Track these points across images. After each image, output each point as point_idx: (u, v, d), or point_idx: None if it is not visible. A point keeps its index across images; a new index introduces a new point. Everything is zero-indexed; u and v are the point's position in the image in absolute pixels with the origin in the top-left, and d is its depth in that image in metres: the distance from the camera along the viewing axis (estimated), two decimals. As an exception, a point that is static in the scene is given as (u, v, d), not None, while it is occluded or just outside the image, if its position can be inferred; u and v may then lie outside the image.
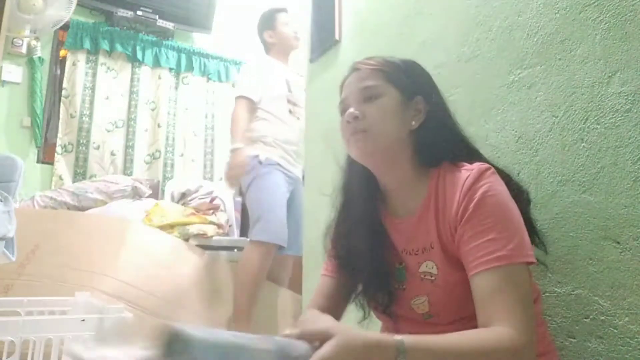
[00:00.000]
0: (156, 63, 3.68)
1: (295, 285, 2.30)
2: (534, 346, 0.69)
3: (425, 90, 0.89)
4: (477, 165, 0.81)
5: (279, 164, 2.29)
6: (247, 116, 2.33)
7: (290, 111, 2.34)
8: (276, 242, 2.13)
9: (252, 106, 2.34)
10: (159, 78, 3.70)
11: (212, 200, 3.12)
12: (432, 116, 0.87)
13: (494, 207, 0.75)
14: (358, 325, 0.95)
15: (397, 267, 0.90)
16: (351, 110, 0.86)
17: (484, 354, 0.66)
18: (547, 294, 1.06)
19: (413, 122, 0.86)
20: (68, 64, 3.45)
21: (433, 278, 0.83)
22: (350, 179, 0.95)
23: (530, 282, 0.74)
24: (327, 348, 0.59)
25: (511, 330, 0.67)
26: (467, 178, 0.78)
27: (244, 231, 3.47)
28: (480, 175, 0.78)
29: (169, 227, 2.59)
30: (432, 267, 0.83)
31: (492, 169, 0.81)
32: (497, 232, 0.72)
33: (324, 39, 2.31)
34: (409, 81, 0.88)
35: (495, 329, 0.68)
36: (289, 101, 2.34)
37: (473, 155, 0.90)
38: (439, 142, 0.85)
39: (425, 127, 0.86)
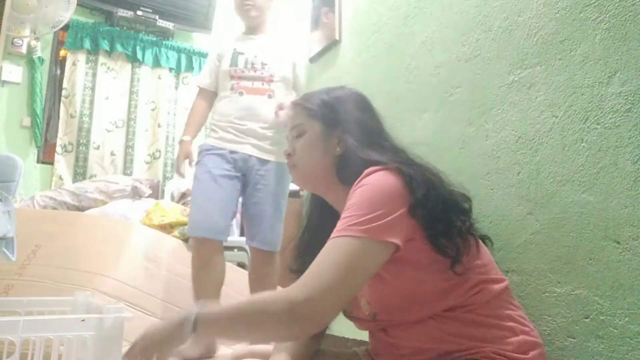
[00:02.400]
0: (156, 63, 3.68)
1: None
2: (314, 306, 0.72)
3: (346, 116, 0.97)
4: (369, 169, 0.86)
5: (213, 147, 2.02)
6: (200, 106, 2.16)
7: (232, 88, 2.03)
8: (199, 234, 1.87)
9: (207, 94, 2.15)
10: (159, 78, 3.69)
11: (212, 200, 3.12)
12: (351, 138, 0.94)
13: (361, 192, 0.81)
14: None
15: None
16: (286, 148, 1.02)
17: (261, 312, 0.74)
18: (547, 294, 1.06)
19: (337, 149, 0.94)
20: (68, 64, 3.45)
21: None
22: (311, 200, 1.07)
23: (368, 255, 0.75)
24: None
25: (296, 288, 0.73)
26: (355, 183, 0.85)
27: (244, 231, 3.47)
28: (363, 176, 0.84)
29: (169, 227, 2.59)
30: None
31: (378, 168, 0.85)
32: (352, 210, 0.79)
33: (324, 39, 2.31)
34: (330, 114, 0.97)
35: (284, 289, 0.75)
36: (232, 77, 2.05)
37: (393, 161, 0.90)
38: (354, 163, 0.90)
39: (345, 151, 0.93)
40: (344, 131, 0.95)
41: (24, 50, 3.25)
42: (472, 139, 1.33)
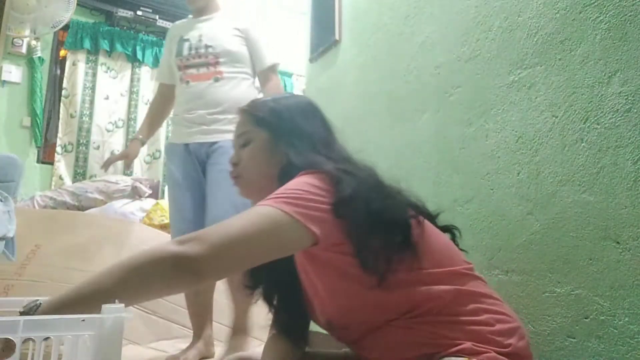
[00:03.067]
0: (156, 63, 3.68)
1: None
2: (198, 257, 0.70)
3: (291, 126, 0.94)
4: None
5: (170, 144, 1.94)
6: (155, 102, 2.09)
7: (180, 79, 1.92)
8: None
9: (164, 88, 2.05)
10: (159, 78, 3.70)
11: (212, 200, 3.12)
12: (296, 148, 0.91)
13: (285, 185, 0.81)
14: None
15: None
16: (231, 157, 0.98)
17: (146, 261, 0.70)
18: (547, 294, 1.06)
19: (283, 159, 0.90)
20: (68, 64, 3.46)
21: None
22: None
23: (280, 230, 0.74)
24: None
25: (193, 243, 0.70)
26: None
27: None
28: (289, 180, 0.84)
29: (169, 227, 2.59)
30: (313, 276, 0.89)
31: (308, 171, 0.84)
32: (278, 192, 0.79)
33: (324, 39, 2.31)
34: (278, 122, 0.94)
35: (168, 243, 0.72)
36: (179, 67, 1.92)
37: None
38: (291, 171, 0.87)
39: (290, 161, 0.90)
40: (290, 141, 0.92)
41: (24, 50, 3.25)
42: (472, 139, 1.33)
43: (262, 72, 1.97)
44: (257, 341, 1.90)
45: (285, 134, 0.93)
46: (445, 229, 0.96)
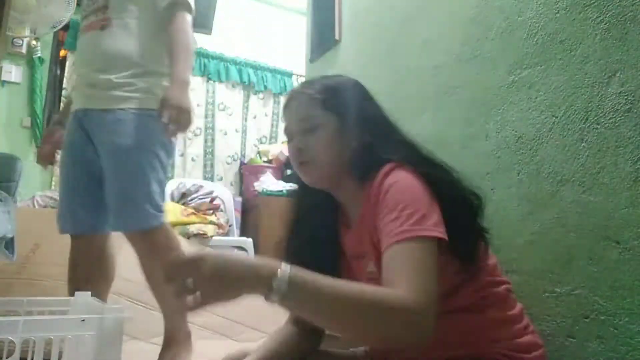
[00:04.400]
0: (156, 63, 3.68)
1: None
2: (430, 315, 0.67)
3: (360, 109, 0.93)
4: (385, 167, 0.84)
5: (72, 113, 1.56)
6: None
7: (86, 27, 1.58)
8: (61, 231, 1.53)
9: None
10: (159, 78, 3.70)
11: (212, 200, 3.13)
12: (368, 132, 0.90)
13: (394, 192, 0.79)
14: None
15: (346, 275, 0.92)
16: (295, 142, 0.93)
17: (379, 308, 0.65)
18: (547, 294, 1.06)
19: (353, 144, 0.89)
20: (68, 64, 3.45)
21: (376, 277, 0.84)
22: (305, 197, 0.99)
23: (434, 255, 0.73)
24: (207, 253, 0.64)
25: (408, 294, 0.67)
26: (376, 181, 0.83)
27: (244, 231, 3.48)
28: (384, 176, 0.82)
29: (172, 226, 2.59)
30: (373, 267, 0.86)
31: (395, 165, 0.83)
32: (399, 212, 0.75)
33: (324, 39, 2.31)
34: (344, 104, 0.92)
35: (395, 290, 0.68)
36: (85, 17, 1.60)
37: (410, 156, 0.89)
38: (370, 159, 0.87)
39: (361, 146, 0.89)
40: (360, 126, 0.90)
41: (24, 50, 3.25)
42: (472, 139, 1.33)
43: (164, 10, 1.54)
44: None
45: (354, 119, 0.91)
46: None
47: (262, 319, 2.17)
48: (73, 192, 1.51)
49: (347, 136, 0.90)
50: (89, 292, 1.02)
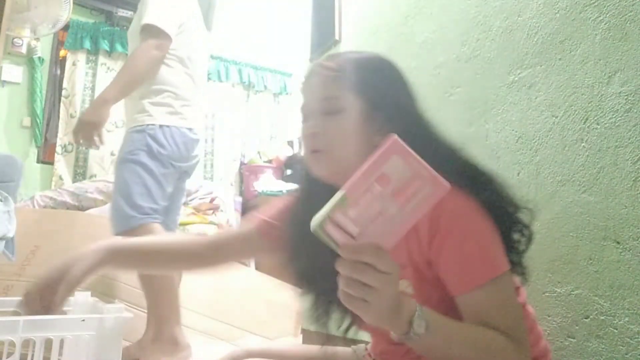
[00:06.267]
0: (156, 63, 3.68)
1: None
2: (530, 354, 0.69)
3: (393, 97, 0.79)
4: None
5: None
6: None
7: None
8: None
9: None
10: (159, 78, 3.70)
11: (212, 200, 3.13)
12: (399, 127, 0.73)
13: (460, 224, 0.69)
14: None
15: None
16: (311, 124, 0.78)
17: (493, 352, 0.64)
18: (547, 294, 1.06)
19: (378, 137, 0.74)
20: (68, 64, 3.46)
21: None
22: (313, 192, 0.83)
23: (513, 286, 0.72)
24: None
25: (512, 341, 0.66)
26: None
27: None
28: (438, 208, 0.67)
29: (169, 227, 2.59)
30: (407, 287, 0.76)
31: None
32: (471, 248, 0.69)
33: (324, 39, 2.31)
34: (375, 88, 0.78)
35: (501, 336, 0.66)
36: None
37: (454, 164, 0.76)
38: None
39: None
40: (389, 116, 0.76)
41: (24, 50, 3.25)
42: (472, 139, 1.33)
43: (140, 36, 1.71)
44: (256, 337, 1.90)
45: (381, 107, 0.77)
46: None
47: (261, 324, 2.17)
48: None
49: (374, 127, 0.76)
50: (89, 292, 1.02)
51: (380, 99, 0.77)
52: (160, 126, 1.70)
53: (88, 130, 1.65)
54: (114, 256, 0.90)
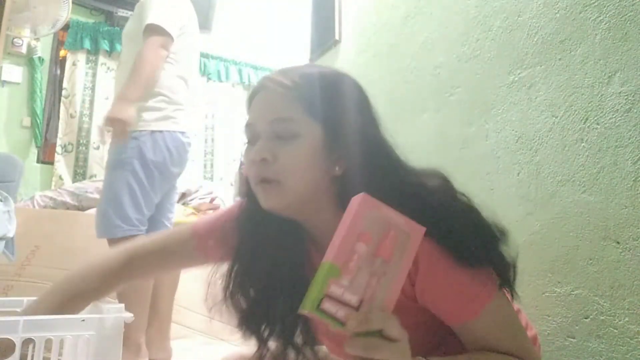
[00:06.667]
0: (156, 63, 3.68)
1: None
2: None
3: (355, 123, 0.69)
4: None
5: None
6: None
7: None
8: None
9: None
10: (159, 78, 3.70)
11: (212, 200, 3.12)
12: (360, 158, 0.68)
13: (438, 261, 0.64)
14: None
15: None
16: (259, 148, 0.67)
17: None
18: (547, 294, 1.06)
19: (337, 168, 0.67)
20: (68, 64, 3.45)
21: None
22: (261, 220, 0.74)
23: (506, 300, 0.68)
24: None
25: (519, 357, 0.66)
26: None
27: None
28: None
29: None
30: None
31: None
32: (456, 282, 0.64)
33: (324, 39, 2.32)
34: (336, 112, 0.68)
35: (509, 357, 0.65)
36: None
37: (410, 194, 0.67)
38: (369, 189, 0.60)
39: (349, 173, 0.68)
40: (349, 145, 0.68)
41: (24, 50, 3.25)
42: (472, 139, 1.33)
43: (142, 38, 1.68)
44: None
45: (342, 135, 0.67)
46: None
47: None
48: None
49: (331, 157, 0.67)
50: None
51: (341, 126, 0.67)
52: (152, 132, 1.70)
53: (120, 126, 1.62)
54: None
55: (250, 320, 0.77)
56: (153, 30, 1.68)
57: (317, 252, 0.72)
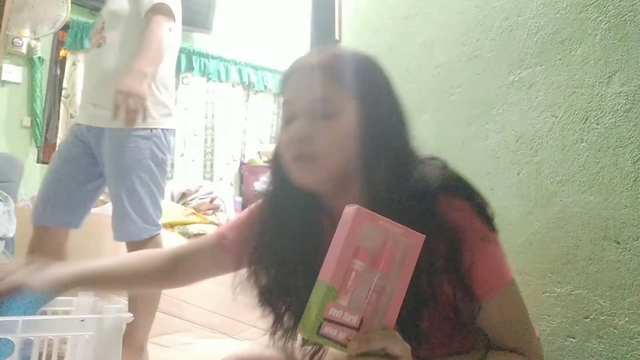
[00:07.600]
0: (156, 63, 3.68)
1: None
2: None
3: (388, 106, 0.74)
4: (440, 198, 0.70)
5: (73, 127, 1.74)
6: None
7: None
8: None
9: None
10: (159, 78, 3.70)
11: (212, 200, 3.13)
12: (391, 142, 0.72)
13: (482, 230, 0.69)
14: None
15: None
16: (299, 126, 0.69)
17: None
18: (547, 294, 1.06)
19: (375, 148, 0.70)
20: (68, 64, 3.45)
21: None
22: (283, 199, 0.77)
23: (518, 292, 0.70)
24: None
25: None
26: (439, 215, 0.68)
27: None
28: (444, 214, 0.69)
29: (169, 227, 2.59)
30: None
31: (451, 198, 0.71)
32: (495, 251, 0.70)
33: (324, 39, 2.32)
34: (375, 97, 0.71)
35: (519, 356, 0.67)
36: (90, 37, 1.69)
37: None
38: (389, 171, 0.69)
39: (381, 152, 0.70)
40: (387, 124, 0.71)
41: (24, 50, 3.25)
42: (472, 139, 1.33)
43: (145, 17, 1.61)
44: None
45: (381, 113, 0.71)
46: None
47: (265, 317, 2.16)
48: (61, 189, 1.65)
49: (367, 134, 0.69)
50: (92, 292, 1.02)
51: (378, 107, 0.71)
52: (163, 130, 1.66)
53: (136, 102, 1.44)
54: (78, 282, 0.84)
55: (269, 295, 0.78)
56: (160, 11, 1.61)
57: (331, 225, 0.69)
